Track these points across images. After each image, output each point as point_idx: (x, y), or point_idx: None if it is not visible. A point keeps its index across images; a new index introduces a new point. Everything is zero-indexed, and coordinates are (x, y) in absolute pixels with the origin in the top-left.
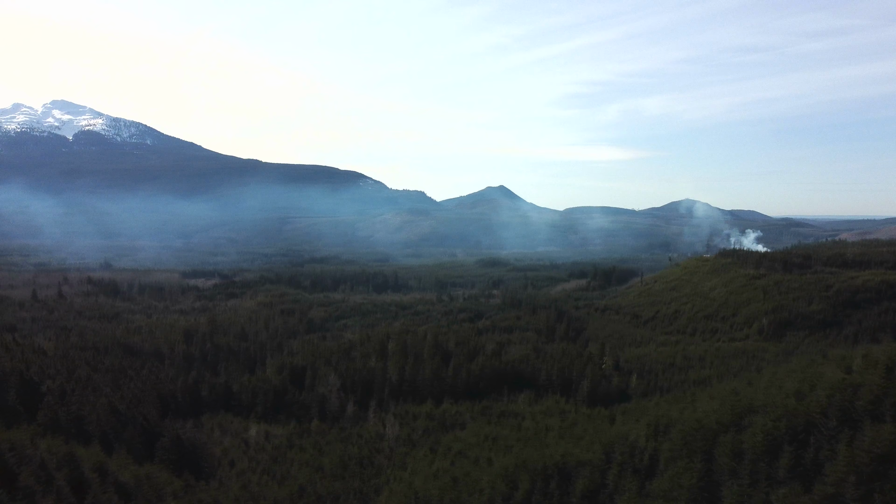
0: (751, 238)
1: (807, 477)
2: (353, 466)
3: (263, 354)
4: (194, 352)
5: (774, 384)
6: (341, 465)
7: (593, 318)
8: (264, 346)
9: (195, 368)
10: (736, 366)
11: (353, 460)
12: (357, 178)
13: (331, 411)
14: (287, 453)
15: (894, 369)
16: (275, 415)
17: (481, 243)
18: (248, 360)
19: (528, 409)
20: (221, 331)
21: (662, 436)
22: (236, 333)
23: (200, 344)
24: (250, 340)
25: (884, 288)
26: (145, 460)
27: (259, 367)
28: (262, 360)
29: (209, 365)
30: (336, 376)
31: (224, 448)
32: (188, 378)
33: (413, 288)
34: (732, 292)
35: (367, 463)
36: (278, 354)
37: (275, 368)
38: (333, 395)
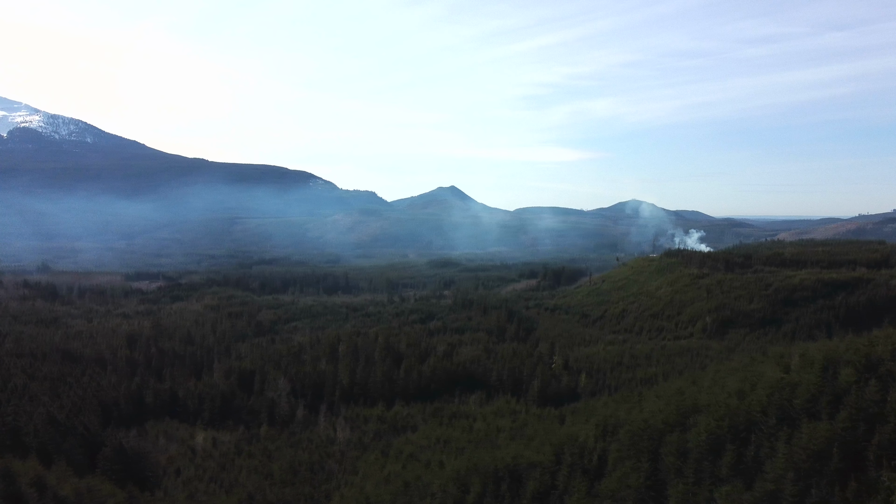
0: (694, 238)
1: (748, 474)
2: (303, 472)
3: (210, 359)
4: (138, 357)
5: (717, 383)
6: (291, 471)
7: (543, 318)
8: (211, 349)
9: (139, 374)
10: (681, 364)
11: (304, 466)
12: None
13: (280, 416)
14: (235, 460)
15: (829, 368)
16: (222, 421)
17: (433, 244)
18: (195, 365)
19: (480, 409)
20: (166, 335)
21: (611, 436)
22: (182, 337)
23: (144, 349)
24: (197, 344)
25: (819, 286)
26: (86, 472)
27: (206, 372)
28: (209, 364)
29: (154, 370)
30: (285, 380)
31: (170, 456)
32: (131, 384)
33: (364, 289)
34: (677, 291)
35: (317, 468)
36: (226, 358)
37: (222, 373)
38: (283, 400)
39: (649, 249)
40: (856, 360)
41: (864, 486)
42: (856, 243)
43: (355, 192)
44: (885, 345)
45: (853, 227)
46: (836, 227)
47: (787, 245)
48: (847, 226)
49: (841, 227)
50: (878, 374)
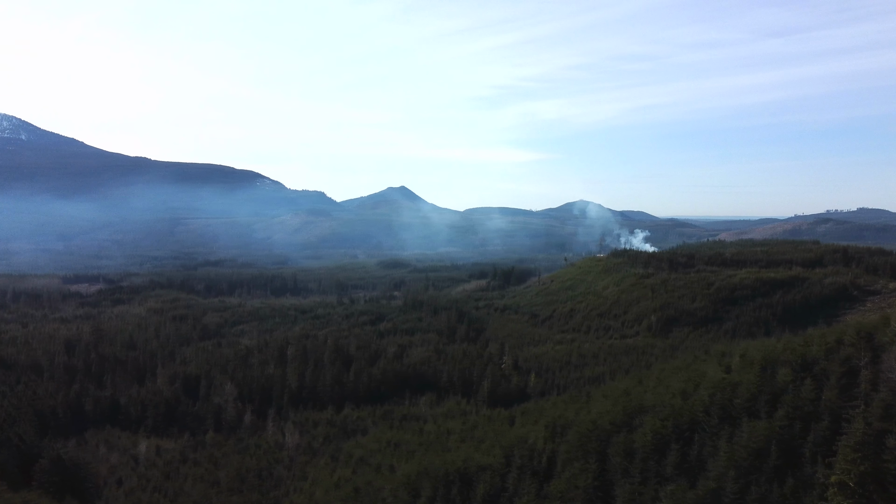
0: (639, 238)
1: (692, 473)
2: (251, 479)
3: (154, 364)
4: (77, 363)
5: (662, 383)
6: (238, 479)
7: (493, 318)
8: (155, 354)
9: (78, 381)
10: (627, 362)
11: (252, 472)
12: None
13: (227, 422)
14: (180, 468)
15: (768, 368)
16: (167, 428)
17: (382, 244)
18: (137, 371)
19: (430, 411)
20: (107, 340)
21: (560, 437)
22: (124, 342)
23: (84, 354)
24: (139, 349)
25: (758, 285)
26: (21, 486)
27: (149, 378)
28: (153, 369)
29: (94, 377)
30: (232, 385)
31: (111, 466)
32: (70, 392)
33: (313, 291)
34: (623, 291)
35: (265, 475)
36: (170, 363)
37: (166, 378)
38: (230, 405)
39: (596, 249)
40: (792, 361)
41: (801, 482)
42: (792, 243)
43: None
44: (820, 345)
45: (789, 228)
46: (774, 228)
47: (727, 245)
48: (784, 226)
49: (778, 227)
50: (812, 373)
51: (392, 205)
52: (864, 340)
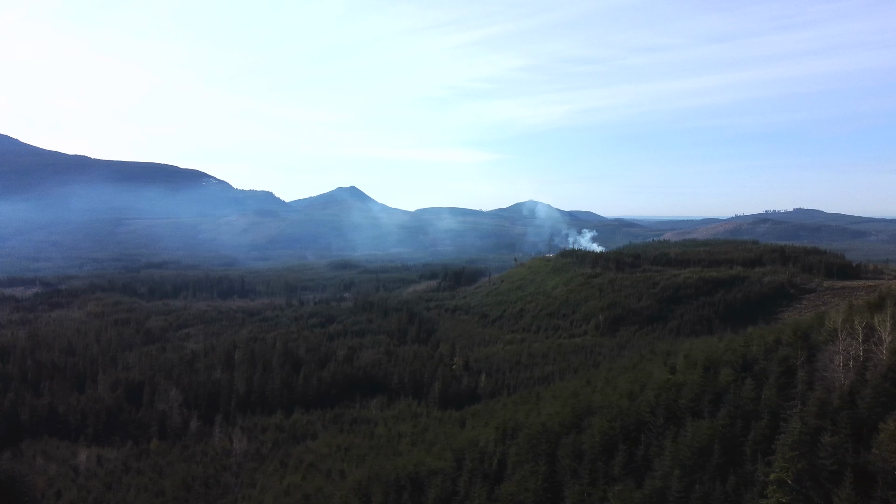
0: (587, 238)
1: (639, 473)
2: (197, 487)
3: (95, 370)
4: (12, 371)
5: (610, 384)
6: (184, 487)
7: (444, 319)
8: (95, 360)
9: (13, 389)
10: (576, 361)
11: (198, 480)
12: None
13: (172, 429)
14: (123, 478)
15: (711, 368)
16: (108, 437)
17: (332, 245)
18: (77, 378)
19: (381, 414)
20: (44, 345)
21: (510, 439)
22: (62, 348)
23: (19, 361)
24: (79, 355)
25: (701, 284)
26: None
27: (90, 385)
28: (94, 376)
29: (30, 385)
30: (178, 390)
31: (49, 478)
32: (4, 401)
33: (261, 293)
34: (572, 291)
35: (212, 482)
36: (112, 369)
37: (108, 385)
38: (175, 411)
39: (545, 249)
40: (734, 361)
41: (742, 480)
42: (733, 243)
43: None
44: (759, 345)
45: (730, 227)
46: (715, 228)
47: (672, 245)
48: (725, 226)
49: (720, 227)
50: (753, 373)
51: (342, 205)
52: (800, 340)
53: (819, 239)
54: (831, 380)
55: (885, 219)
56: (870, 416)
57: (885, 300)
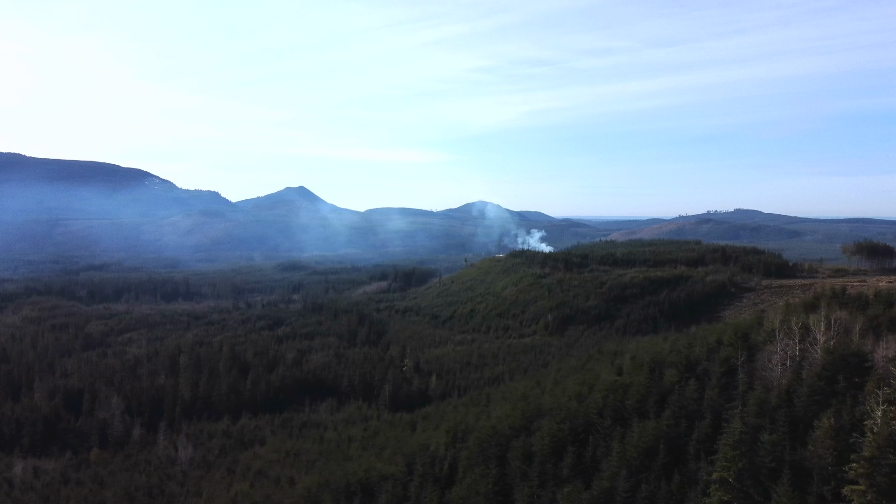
0: (536, 238)
1: (587, 474)
2: (140, 498)
3: (31, 377)
4: None
5: (559, 386)
6: (127, 498)
7: (395, 320)
8: (31, 367)
9: None
10: (525, 361)
11: (141, 490)
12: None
13: (114, 437)
14: (61, 490)
15: (656, 370)
16: (45, 447)
17: (280, 246)
18: (11, 386)
19: (331, 418)
20: None
21: (461, 442)
22: None
23: None
24: (13, 362)
25: (646, 284)
26: None
27: (25, 393)
28: (29, 384)
29: None
30: (119, 398)
31: None
32: None
33: (207, 295)
34: (522, 291)
35: (156, 492)
36: (49, 377)
37: (45, 393)
38: (117, 419)
39: (495, 249)
40: (678, 362)
41: (687, 478)
42: (677, 243)
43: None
44: (702, 346)
45: (674, 227)
46: (660, 227)
47: (619, 245)
48: (669, 226)
49: (664, 226)
50: (696, 373)
51: (290, 205)
52: (741, 341)
53: (758, 238)
54: (770, 379)
55: (819, 219)
56: (806, 413)
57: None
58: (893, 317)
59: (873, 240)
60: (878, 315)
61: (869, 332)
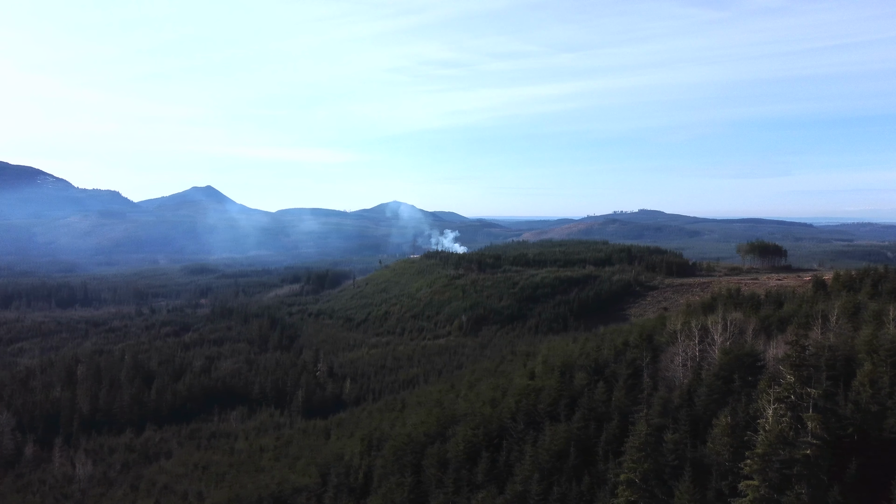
0: (450, 238)
1: (501, 479)
2: None
3: None
4: None
5: (473, 390)
6: None
7: (308, 324)
8: None
9: None
10: (440, 363)
11: None
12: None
13: (4, 456)
14: None
15: (567, 373)
16: None
17: (186, 249)
18: None
19: (242, 427)
20: None
21: (376, 450)
22: None
23: None
24: None
25: (557, 283)
26: None
27: None
28: None
29: None
30: (9, 413)
31: None
32: None
33: (107, 301)
34: (436, 292)
35: None
36: None
37: None
38: (6, 436)
39: (409, 250)
40: (587, 365)
41: (596, 479)
42: (585, 243)
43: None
44: (610, 348)
45: (583, 227)
46: (570, 227)
47: (530, 246)
48: (578, 226)
49: (574, 226)
50: (604, 376)
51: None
52: (645, 342)
53: (661, 238)
54: (672, 379)
55: (716, 219)
56: (705, 412)
57: (717, 301)
58: (782, 317)
59: (764, 239)
60: (769, 315)
61: (761, 332)
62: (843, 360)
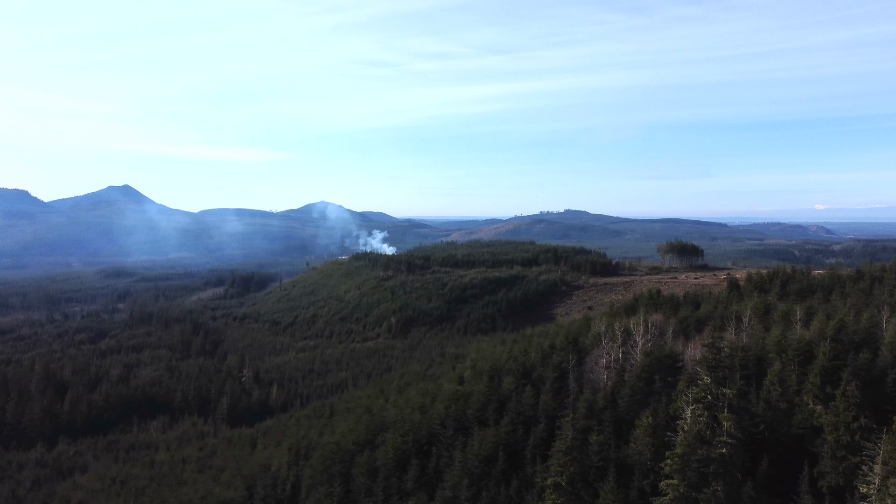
0: (378, 239)
1: (431, 485)
2: None
3: None
4: None
5: (402, 396)
6: None
7: (232, 328)
8: None
9: None
10: (369, 366)
11: None
12: None
13: None
14: None
15: (495, 377)
16: None
17: (102, 251)
18: None
19: (163, 437)
20: None
21: (304, 460)
22: None
23: None
24: None
25: (485, 284)
26: None
27: None
28: None
29: None
30: None
31: None
32: None
33: (15, 307)
34: (365, 294)
35: None
36: None
37: None
38: None
39: (338, 251)
40: (515, 369)
41: (524, 483)
42: (513, 244)
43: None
44: (537, 352)
45: (511, 227)
46: (498, 228)
47: (459, 247)
48: (506, 226)
49: (501, 227)
50: (531, 379)
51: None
52: (571, 345)
53: (586, 237)
54: (597, 381)
55: (637, 219)
56: (628, 413)
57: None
58: (700, 318)
59: (682, 239)
60: (687, 316)
61: (680, 333)
62: (755, 359)
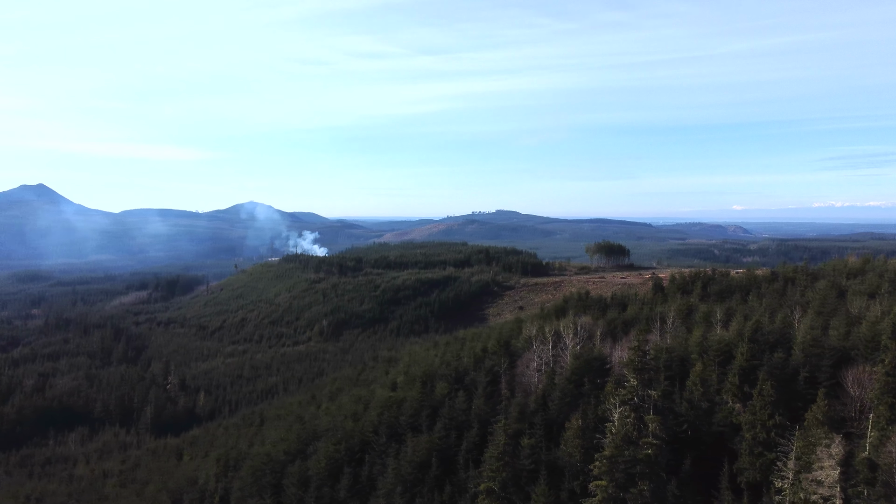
0: (309, 240)
1: (364, 494)
2: None
3: None
4: None
5: (335, 403)
6: None
7: (157, 334)
8: None
9: None
10: (300, 370)
11: None
12: None
13: None
14: None
15: (428, 383)
16: None
17: (14, 254)
18: None
19: (82, 450)
20: None
21: (233, 472)
22: None
23: None
24: None
25: (418, 285)
26: None
27: None
28: None
29: None
30: None
31: None
32: None
33: None
34: (296, 297)
35: None
36: None
37: None
38: None
39: (267, 253)
40: (448, 374)
41: (457, 488)
42: (446, 245)
43: None
44: (469, 356)
45: (444, 228)
46: (431, 228)
47: (392, 248)
48: (439, 226)
49: (434, 227)
50: (464, 384)
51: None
52: (503, 349)
53: (517, 237)
54: (529, 384)
55: (567, 219)
56: (559, 415)
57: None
58: (626, 319)
59: (610, 238)
60: (614, 318)
61: (608, 335)
62: (678, 360)
